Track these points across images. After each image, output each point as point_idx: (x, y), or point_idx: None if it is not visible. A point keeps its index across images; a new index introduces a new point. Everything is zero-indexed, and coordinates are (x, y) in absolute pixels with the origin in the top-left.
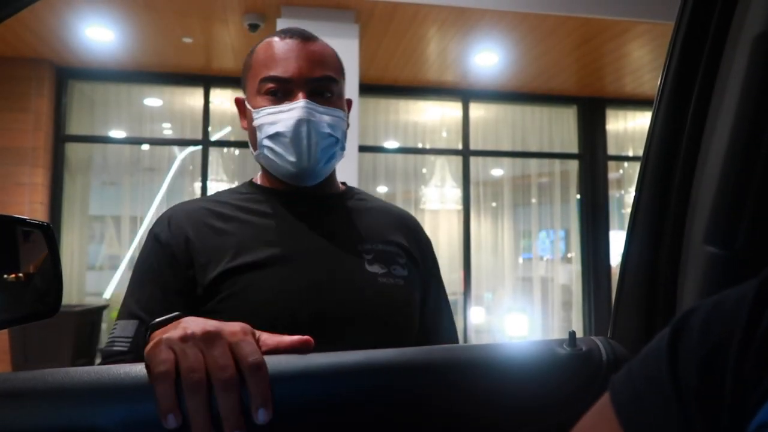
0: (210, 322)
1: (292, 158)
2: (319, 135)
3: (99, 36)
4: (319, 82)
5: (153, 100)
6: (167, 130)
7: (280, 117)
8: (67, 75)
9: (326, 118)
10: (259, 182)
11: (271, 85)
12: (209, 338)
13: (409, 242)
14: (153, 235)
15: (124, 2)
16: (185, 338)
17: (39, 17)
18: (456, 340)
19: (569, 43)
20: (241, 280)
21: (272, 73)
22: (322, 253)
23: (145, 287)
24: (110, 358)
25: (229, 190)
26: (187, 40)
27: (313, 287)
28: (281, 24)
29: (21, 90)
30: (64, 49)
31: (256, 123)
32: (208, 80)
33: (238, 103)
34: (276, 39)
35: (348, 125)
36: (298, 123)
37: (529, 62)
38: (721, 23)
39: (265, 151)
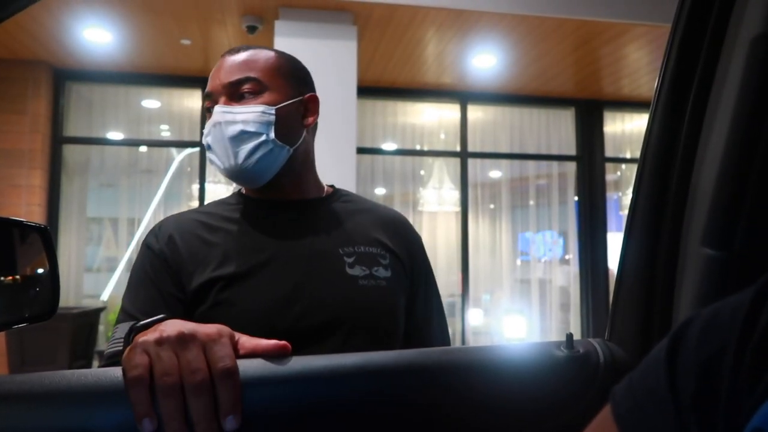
0: (187, 325)
1: (219, 162)
2: (230, 133)
3: (96, 38)
4: (234, 85)
5: (151, 101)
6: (165, 132)
7: (207, 128)
8: (64, 77)
9: (240, 116)
10: (245, 192)
11: (208, 101)
12: (183, 341)
13: (395, 241)
14: (145, 245)
15: (121, 4)
16: (160, 341)
17: (36, 19)
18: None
19: (567, 45)
20: (225, 289)
21: (207, 89)
22: (303, 258)
23: (140, 290)
24: (110, 359)
25: (218, 201)
26: (185, 41)
27: (293, 293)
28: (279, 26)
29: (18, 92)
30: (61, 50)
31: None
32: (205, 82)
33: None
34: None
35: (309, 122)
36: (215, 126)
37: (526, 64)
38: (718, 25)
39: (212, 160)
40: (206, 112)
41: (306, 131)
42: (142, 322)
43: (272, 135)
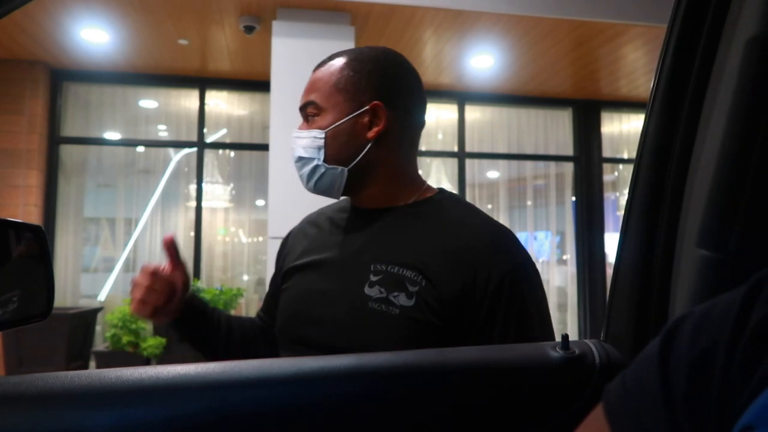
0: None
1: (300, 179)
2: (294, 158)
3: (94, 38)
4: (302, 110)
5: (148, 102)
6: (162, 132)
7: None
8: (61, 77)
9: (300, 141)
10: None
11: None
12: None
13: (452, 268)
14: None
15: (119, 4)
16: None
17: (33, 19)
18: None
19: (564, 45)
20: (292, 278)
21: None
22: (339, 268)
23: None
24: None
25: (334, 203)
26: (183, 42)
27: (316, 300)
28: (277, 26)
29: (15, 92)
30: (58, 50)
31: None
32: (203, 82)
33: None
34: None
35: (371, 134)
36: (292, 150)
37: (524, 65)
38: (714, 26)
39: None
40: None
41: (372, 143)
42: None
43: (321, 159)
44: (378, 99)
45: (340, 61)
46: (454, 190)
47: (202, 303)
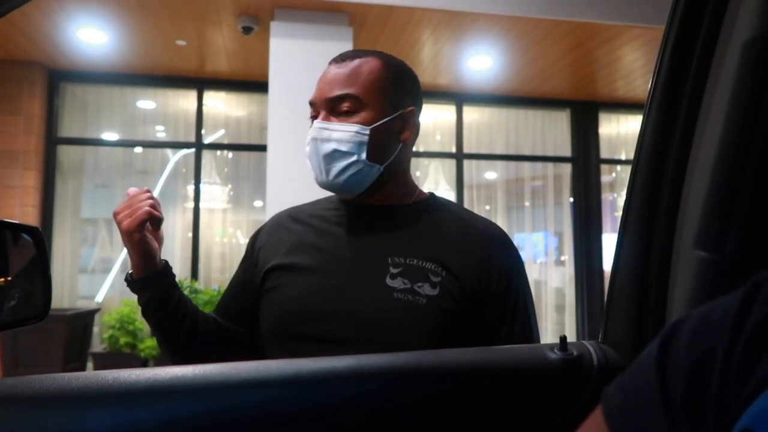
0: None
1: (317, 173)
2: (324, 150)
3: (91, 38)
4: (335, 101)
5: (146, 102)
6: (160, 133)
7: (307, 139)
8: (59, 77)
9: (335, 134)
10: None
11: (312, 110)
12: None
13: (463, 260)
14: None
15: (116, 4)
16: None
17: (30, 19)
18: None
19: (562, 47)
20: (282, 276)
21: (311, 99)
22: (349, 263)
23: (232, 279)
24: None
25: (321, 199)
26: (181, 42)
27: (330, 297)
28: (275, 27)
29: (12, 92)
30: (55, 51)
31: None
32: (201, 83)
33: None
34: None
35: (405, 137)
36: (311, 142)
37: (522, 66)
38: (712, 27)
39: (311, 168)
40: (311, 119)
41: (402, 145)
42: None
43: (364, 156)
44: (412, 105)
45: (376, 62)
46: (453, 191)
47: (174, 277)
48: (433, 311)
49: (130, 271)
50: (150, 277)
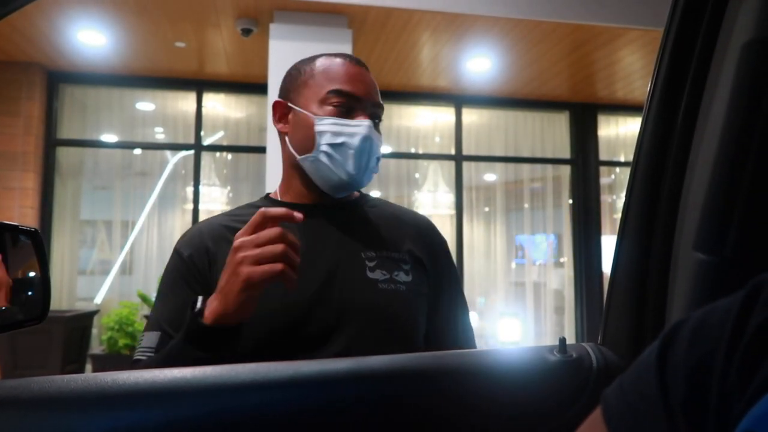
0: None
1: (350, 169)
2: (374, 154)
3: (91, 40)
4: (377, 108)
5: (145, 104)
6: (159, 135)
7: (347, 130)
8: (58, 79)
9: (377, 142)
10: (275, 197)
11: (340, 99)
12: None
13: (418, 246)
14: (176, 251)
15: (116, 6)
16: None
17: (30, 21)
18: (473, 347)
19: (561, 49)
20: None
21: (345, 88)
22: (326, 262)
23: (168, 300)
24: (134, 364)
25: (247, 205)
26: (180, 44)
27: (315, 296)
28: (274, 29)
29: (11, 94)
30: (55, 53)
31: (318, 129)
32: (200, 85)
33: (280, 106)
34: (337, 59)
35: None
36: (364, 139)
37: (521, 68)
38: (711, 30)
39: (322, 156)
40: (337, 108)
41: None
42: (199, 306)
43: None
44: None
45: (372, 77)
46: (452, 193)
47: None
48: (412, 296)
49: (200, 306)
50: (238, 328)
